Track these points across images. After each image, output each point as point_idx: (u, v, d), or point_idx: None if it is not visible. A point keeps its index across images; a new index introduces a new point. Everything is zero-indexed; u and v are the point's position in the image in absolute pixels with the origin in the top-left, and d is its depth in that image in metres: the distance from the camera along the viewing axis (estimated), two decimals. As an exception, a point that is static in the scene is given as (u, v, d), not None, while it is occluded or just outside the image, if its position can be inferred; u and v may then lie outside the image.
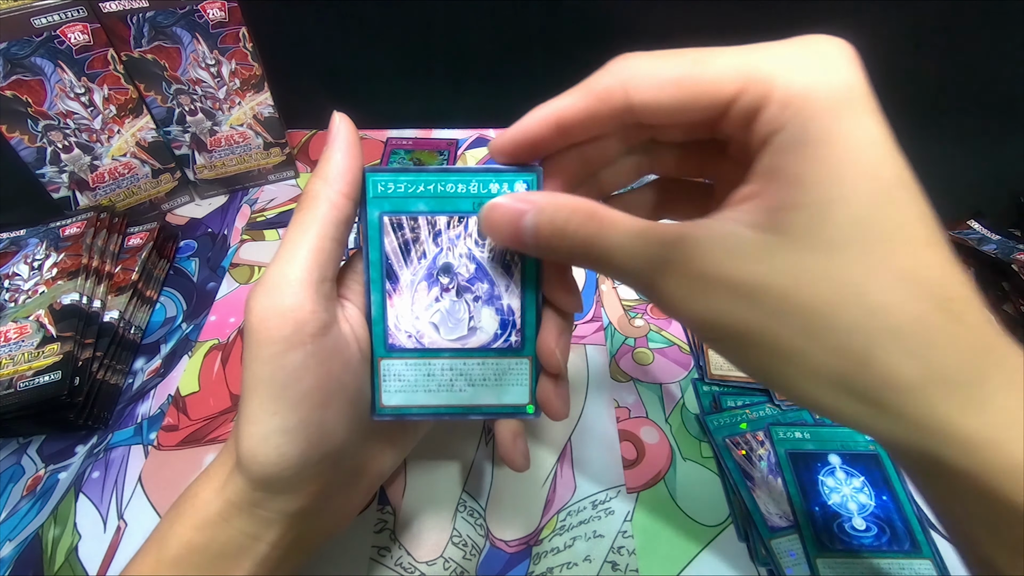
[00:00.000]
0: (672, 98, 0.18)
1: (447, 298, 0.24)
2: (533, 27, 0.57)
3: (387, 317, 0.24)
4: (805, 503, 0.34)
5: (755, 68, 0.16)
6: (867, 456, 0.36)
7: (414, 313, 0.24)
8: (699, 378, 0.41)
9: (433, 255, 0.24)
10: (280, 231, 0.53)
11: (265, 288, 0.21)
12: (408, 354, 0.24)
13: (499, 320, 0.24)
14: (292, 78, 0.55)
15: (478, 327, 0.24)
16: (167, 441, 0.39)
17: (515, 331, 0.24)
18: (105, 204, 0.50)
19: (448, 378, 0.25)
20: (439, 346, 0.24)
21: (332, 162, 0.22)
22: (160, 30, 0.45)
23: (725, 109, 0.17)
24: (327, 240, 0.21)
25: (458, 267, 0.24)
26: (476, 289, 0.24)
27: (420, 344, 0.24)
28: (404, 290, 0.24)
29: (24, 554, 0.34)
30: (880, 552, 0.32)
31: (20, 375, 0.37)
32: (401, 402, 0.25)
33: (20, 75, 0.42)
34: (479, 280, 0.24)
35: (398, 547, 0.34)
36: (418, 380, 0.25)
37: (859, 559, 0.32)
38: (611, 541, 0.34)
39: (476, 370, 0.25)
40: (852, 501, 0.34)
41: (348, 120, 0.23)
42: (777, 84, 0.16)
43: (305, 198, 0.22)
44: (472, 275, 0.24)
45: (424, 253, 0.24)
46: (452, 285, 0.24)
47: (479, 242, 0.24)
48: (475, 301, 0.24)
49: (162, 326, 0.46)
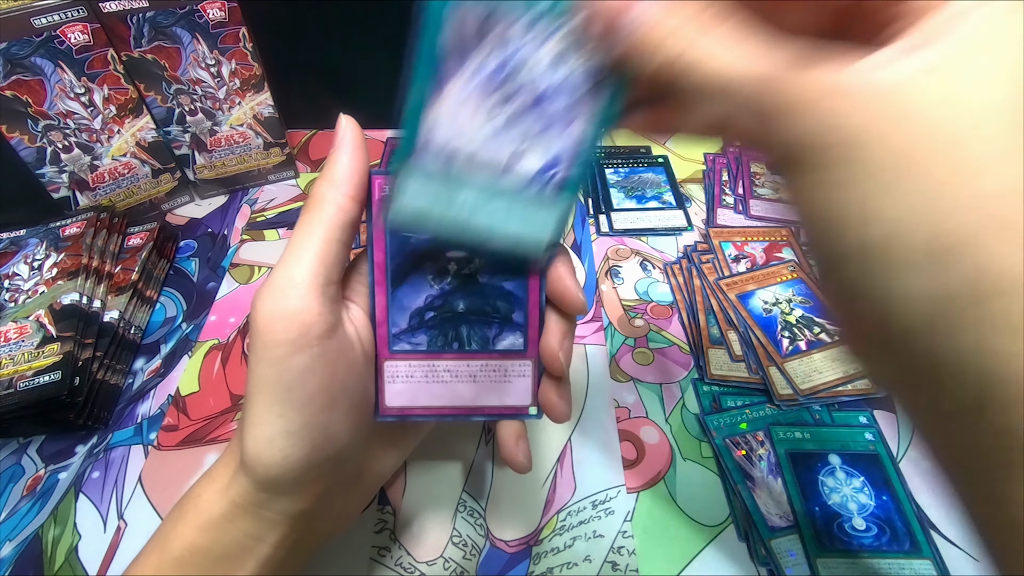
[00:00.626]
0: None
1: (503, 112, 0.20)
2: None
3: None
4: (805, 503, 0.34)
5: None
6: (867, 456, 0.36)
7: (456, 124, 0.20)
8: (699, 378, 0.41)
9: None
10: (280, 231, 0.53)
11: (271, 290, 0.21)
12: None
13: (543, 164, 0.20)
14: (292, 78, 0.55)
15: (521, 160, 0.20)
16: (167, 441, 0.39)
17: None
18: (105, 204, 0.50)
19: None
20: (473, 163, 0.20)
21: (338, 164, 0.22)
22: (160, 30, 0.45)
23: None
24: (333, 243, 0.21)
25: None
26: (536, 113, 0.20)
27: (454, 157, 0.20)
28: (452, 94, 0.20)
29: (24, 554, 0.34)
30: (880, 552, 0.32)
31: (20, 375, 0.37)
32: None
33: (20, 75, 0.42)
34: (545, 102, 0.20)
35: (398, 547, 0.34)
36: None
37: (859, 559, 0.32)
38: (611, 541, 0.34)
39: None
40: (852, 501, 0.34)
41: (354, 122, 0.23)
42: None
43: (311, 201, 0.22)
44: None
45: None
46: (516, 97, 0.20)
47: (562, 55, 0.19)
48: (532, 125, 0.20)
49: (162, 326, 0.46)
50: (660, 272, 0.49)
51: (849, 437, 0.37)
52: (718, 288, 0.45)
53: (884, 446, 0.37)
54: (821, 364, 0.40)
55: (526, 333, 0.25)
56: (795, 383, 0.39)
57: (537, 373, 0.25)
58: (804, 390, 0.38)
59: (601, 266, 0.50)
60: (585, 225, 0.53)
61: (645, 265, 0.50)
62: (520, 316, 0.24)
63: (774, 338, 0.41)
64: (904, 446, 0.37)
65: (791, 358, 0.40)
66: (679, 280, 0.48)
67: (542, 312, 0.24)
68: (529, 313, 0.24)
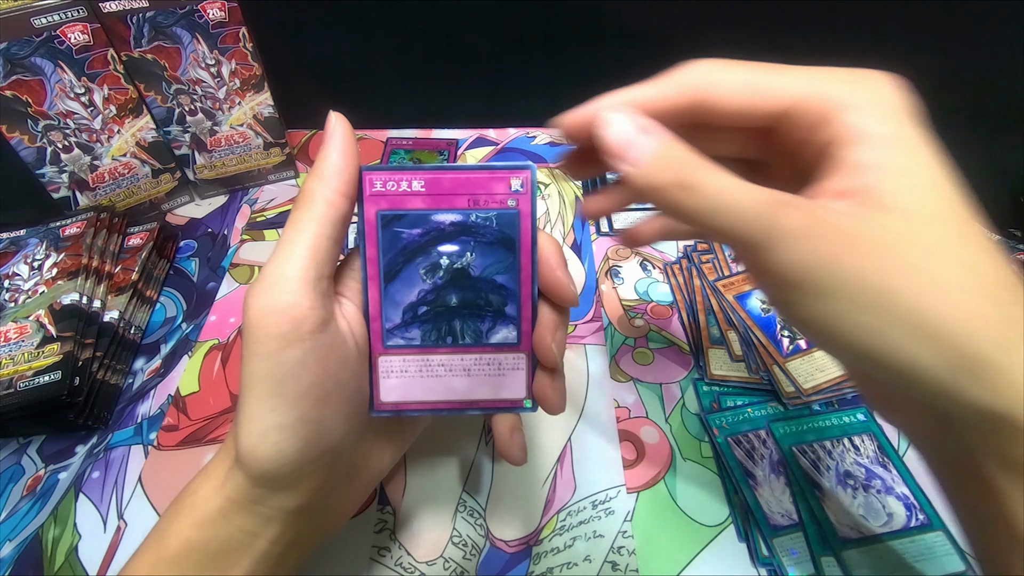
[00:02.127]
0: (748, 100, 0.20)
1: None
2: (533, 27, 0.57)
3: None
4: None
5: (829, 85, 0.19)
6: (868, 455, 0.36)
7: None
8: (699, 378, 0.41)
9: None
10: (280, 231, 0.53)
11: (263, 286, 0.21)
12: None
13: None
14: (292, 78, 0.55)
15: None
16: (167, 441, 0.39)
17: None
18: (105, 204, 0.50)
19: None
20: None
21: (328, 161, 0.22)
22: (160, 30, 0.45)
23: (792, 115, 0.20)
24: (324, 238, 0.21)
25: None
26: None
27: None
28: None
29: (24, 554, 0.34)
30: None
31: (20, 375, 0.37)
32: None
33: (20, 75, 0.42)
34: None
35: (398, 547, 0.34)
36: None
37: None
38: (611, 541, 0.34)
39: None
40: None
41: (344, 119, 0.23)
42: (851, 98, 0.19)
43: (302, 197, 0.22)
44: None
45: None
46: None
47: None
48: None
49: (162, 326, 0.46)
50: (660, 272, 0.49)
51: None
52: (716, 289, 0.45)
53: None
54: (823, 362, 0.40)
55: (519, 326, 0.25)
56: (798, 382, 0.39)
57: (531, 366, 0.25)
58: (808, 389, 0.38)
59: (601, 266, 0.50)
60: (585, 225, 0.53)
61: (645, 265, 0.50)
62: (513, 309, 0.24)
63: (774, 338, 0.41)
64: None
65: (793, 357, 0.40)
66: (679, 280, 0.48)
67: (534, 305, 0.24)
68: (522, 306, 0.24)
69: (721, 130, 0.22)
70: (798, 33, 0.53)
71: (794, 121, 0.20)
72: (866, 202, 0.18)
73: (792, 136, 0.21)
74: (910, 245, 0.17)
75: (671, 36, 0.54)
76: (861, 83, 0.19)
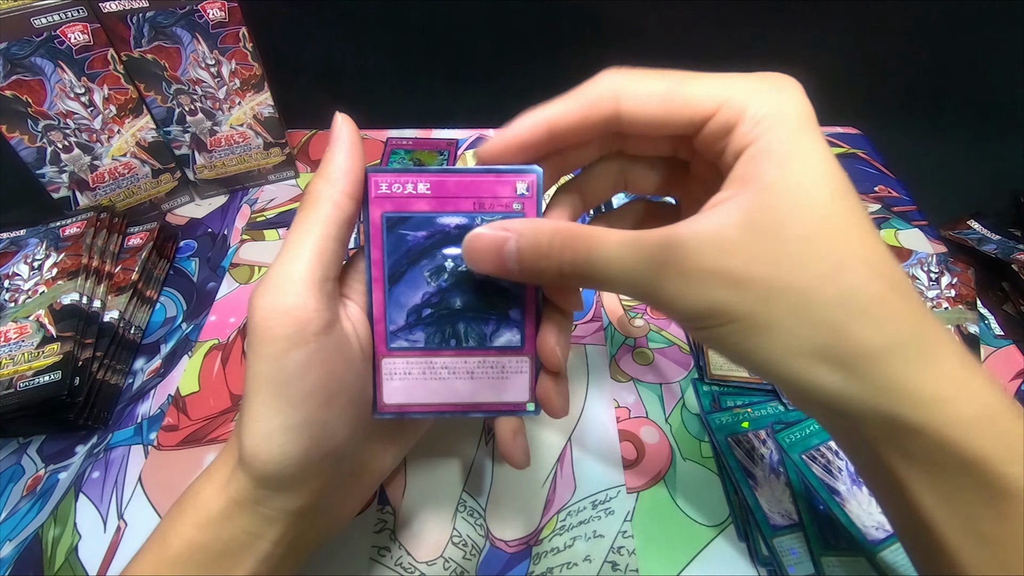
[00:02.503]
0: (658, 111, 0.21)
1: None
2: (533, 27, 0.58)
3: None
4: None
5: (731, 92, 0.20)
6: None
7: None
8: (699, 378, 0.41)
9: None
10: (280, 231, 0.54)
11: (268, 287, 0.21)
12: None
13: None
14: (292, 78, 0.55)
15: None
16: (167, 441, 0.39)
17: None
18: (105, 204, 0.50)
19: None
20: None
21: (334, 162, 0.22)
22: (160, 30, 0.45)
23: (702, 125, 0.20)
24: (330, 240, 0.22)
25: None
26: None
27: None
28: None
29: (24, 554, 0.34)
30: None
31: (20, 375, 0.37)
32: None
33: (20, 75, 0.42)
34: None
35: (398, 547, 0.34)
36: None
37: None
38: (611, 541, 0.34)
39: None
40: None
41: (350, 120, 0.23)
42: (750, 106, 0.19)
43: (308, 198, 0.22)
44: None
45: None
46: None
47: None
48: None
49: (162, 326, 0.46)
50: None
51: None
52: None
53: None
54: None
55: (523, 329, 0.25)
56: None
57: (534, 369, 0.25)
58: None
59: (601, 266, 0.50)
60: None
61: (645, 265, 0.50)
62: (517, 313, 0.24)
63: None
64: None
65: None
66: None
67: (539, 308, 0.24)
68: (526, 309, 0.24)
69: (642, 135, 0.23)
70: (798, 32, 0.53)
71: (703, 130, 0.20)
72: (752, 220, 0.18)
73: (703, 142, 0.21)
74: (788, 271, 0.18)
75: (671, 36, 0.54)
76: (764, 91, 0.20)
